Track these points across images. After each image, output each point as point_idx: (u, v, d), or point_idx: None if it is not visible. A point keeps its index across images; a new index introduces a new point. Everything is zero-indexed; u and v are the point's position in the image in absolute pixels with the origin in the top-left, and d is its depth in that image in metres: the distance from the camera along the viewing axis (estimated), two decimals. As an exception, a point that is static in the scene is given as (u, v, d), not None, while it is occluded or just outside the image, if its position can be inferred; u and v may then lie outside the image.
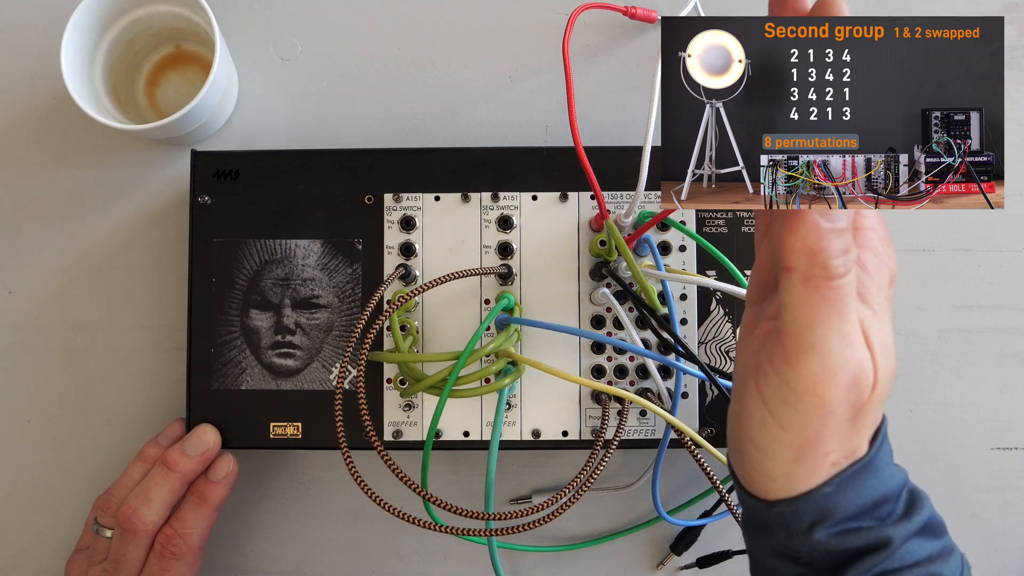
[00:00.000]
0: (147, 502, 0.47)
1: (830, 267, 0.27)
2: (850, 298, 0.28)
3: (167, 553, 0.47)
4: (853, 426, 0.30)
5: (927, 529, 0.32)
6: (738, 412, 0.31)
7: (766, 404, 0.30)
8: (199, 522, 0.48)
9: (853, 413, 0.29)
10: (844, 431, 0.30)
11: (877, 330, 0.29)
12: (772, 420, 0.30)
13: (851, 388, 0.29)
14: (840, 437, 0.30)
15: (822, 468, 0.30)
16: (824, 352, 0.28)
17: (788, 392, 0.29)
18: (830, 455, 0.30)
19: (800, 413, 0.29)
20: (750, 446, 0.31)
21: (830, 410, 0.29)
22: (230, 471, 0.50)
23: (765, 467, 0.31)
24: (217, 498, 0.49)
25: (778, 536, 0.32)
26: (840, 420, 0.29)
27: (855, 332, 0.28)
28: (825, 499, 0.30)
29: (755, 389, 0.30)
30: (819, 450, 0.30)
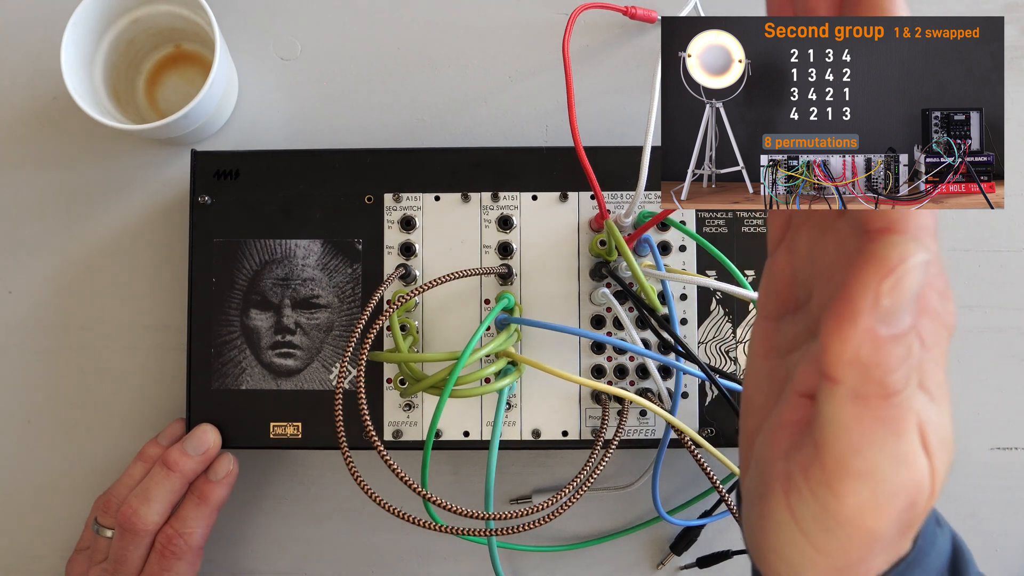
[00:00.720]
0: (147, 502, 0.47)
1: (888, 384, 0.21)
2: (910, 411, 0.23)
3: (167, 553, 0.47)
4: (902, 538, 0.25)
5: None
6: (761, 517, 0.26)
7: (798, 523, 0.24)
8: (199, 522, 0.48)
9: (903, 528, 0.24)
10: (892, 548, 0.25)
11: (936, 423, 0.24)
12: (805, 541, 0.24)
13: (904, 512, 0.23)
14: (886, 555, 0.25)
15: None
16: (876, 481, 0.23)
17: (828, 519, 0.23)
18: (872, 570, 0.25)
19: (841, 542, 0.24)
20: (776, 558, 0.26)
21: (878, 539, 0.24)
22: (230, 471, 0.50)
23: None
24: (217, 498, 0.49)
25: None
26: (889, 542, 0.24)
27: (914, 447, 0.23)
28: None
29: (784, 502, 0.24)
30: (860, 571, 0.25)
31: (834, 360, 0.21)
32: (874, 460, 0.22)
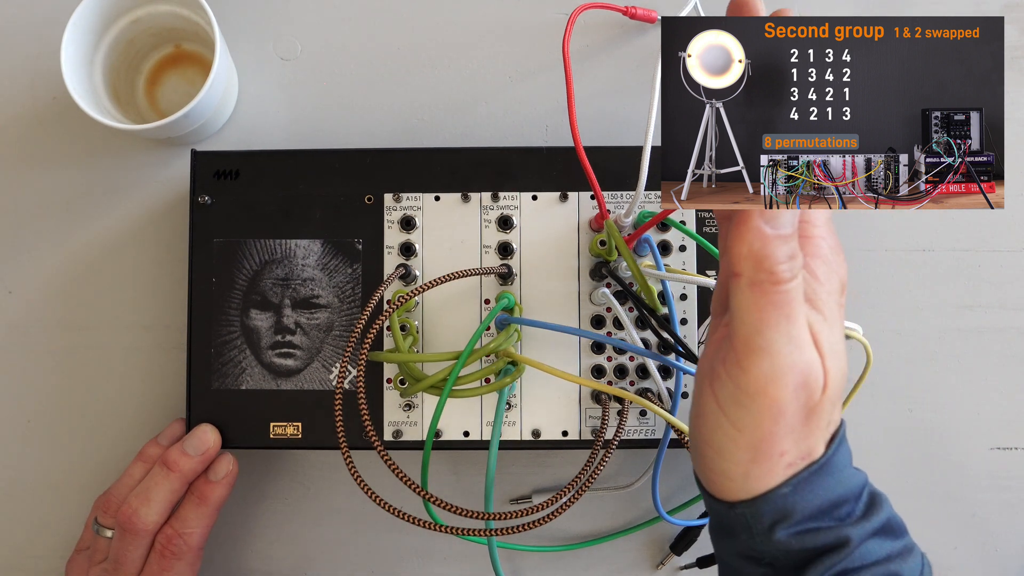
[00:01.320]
0: (147, 502, 0.47)
1: (776, 272, 0.28)
2: (797, 303, 0.29)
3: (167, 553, 0.47)
4: (806, 427, 0.30)
5: (886, 529, 0.33)
6: (696, 415, 0.32)
7: (720, 406, 0.31)
8: (199, 522, 0.48)
9: (805, 414, 0.30)
10: (797, 431, 0.30)
11: (827, 335, 0.30)
12: (727, 421, 0.30)
13: (801, 389, 0.29)
14: (794, 437, 0.30)
15: (778, 468, 0.31)
16: (773, 354, 0.29)
17: (740, 394, 0.30)
18: (785, 455, 0.31)
19: (752, 414, 0.30)
20: (708, 448, 0.32)
21: (781, 410, 0.29)
22: (230, 471, 0.50)
23: (723, 468, 0.32)
24: (217, 498, 0.49)
25: (741, 537, 0.33)
26: (792, 420, 0.30)
27: (803, 335, 0.29)
28: (783, 499, 0.31)
29: (710, 392, 0.31)
30: (773, 450, 0.30)
31: (735, 257, 0.29)
32: (770, 337, 0.29)
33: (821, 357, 0.30)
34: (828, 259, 0.32)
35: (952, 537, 0.54)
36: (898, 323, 0.55)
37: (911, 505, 0.54)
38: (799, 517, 0.31)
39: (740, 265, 0.29)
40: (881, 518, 0.33)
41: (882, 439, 0.54)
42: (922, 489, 0.55)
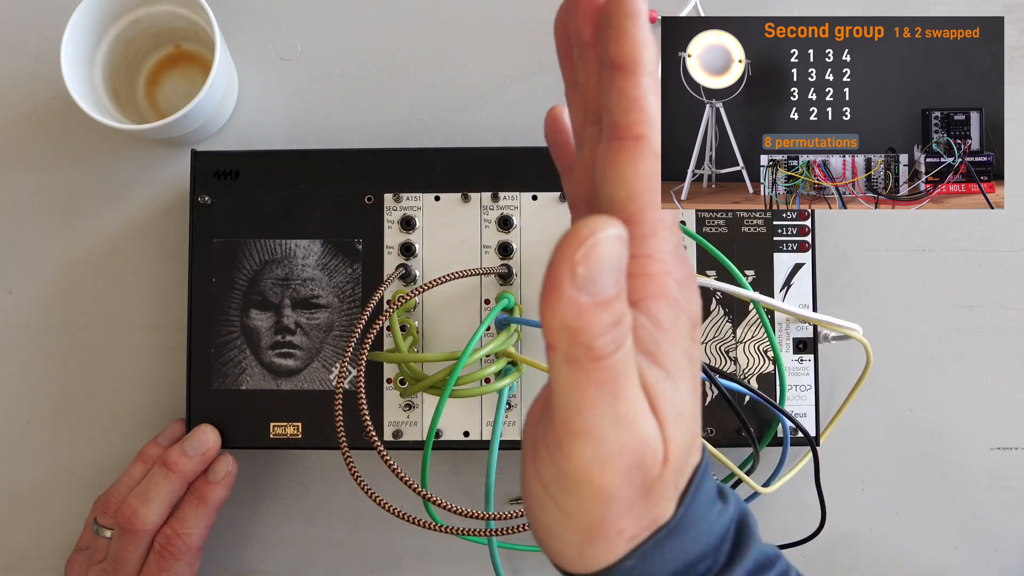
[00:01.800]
0: (147, 502, 0.47)
1: (595, 347, 0.23)
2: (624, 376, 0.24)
3: (166, 553, 0.47)
4: (647, 501, 0.27)
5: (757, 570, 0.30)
6: (523, 491, 0.28)
7: (544, 488, 0.27)
8: (199, 522, 0.48)
9: (643, 491, 0.26)
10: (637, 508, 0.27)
11: (669, 396, 0.26)
12: (553, 505, 0.27)
13: (633, 471, 0.25)
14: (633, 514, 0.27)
15: (618, 545, 0.27)
16: (597, 439, 0.25)
17: (563, 479, 0.26)
18: (624, 532, 0.27)
19: (579, 500, 0.26)
20: (537, 527, 0.28)
21: (611, 496, 0.25)
22: (230, 471, 0.50)
23: (555, 547, 0.28)
24: (217, 498, 0.49)
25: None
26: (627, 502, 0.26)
27: (634, 410, 0.25)
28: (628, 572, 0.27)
29: (533, 471, 0.27)
30: (609, 531, 0.27)
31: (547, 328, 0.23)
32: (592, 420, 0.24)
33: (660, 426, 0.26)
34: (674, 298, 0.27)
35: (952, 537, 0.54)
36: (898, 323, 0.55)
37: (911, 505, 0.54)
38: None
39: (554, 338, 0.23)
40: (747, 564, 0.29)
41: (882, 439, 0.54)
42: (922, 489, 0.54)
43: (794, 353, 0.50)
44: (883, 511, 0.54)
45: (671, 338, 0.26)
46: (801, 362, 0.50)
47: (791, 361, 0.50)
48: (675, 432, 0.26)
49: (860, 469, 0.54)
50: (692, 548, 0.28)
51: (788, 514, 0.54)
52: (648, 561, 0.27)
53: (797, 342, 0.50)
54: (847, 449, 0.54)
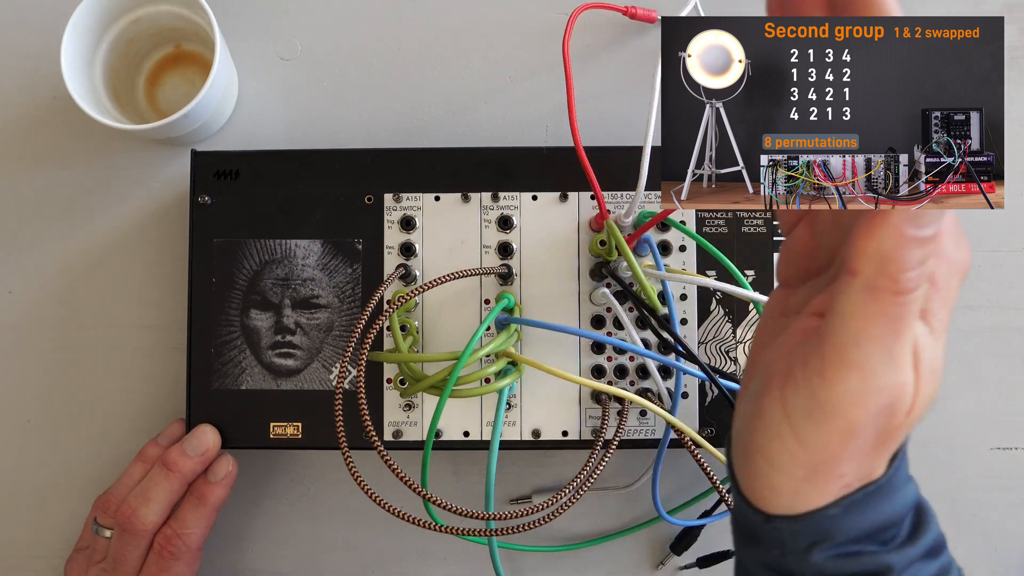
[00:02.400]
0: (146, 502, 0.47)
1: (900, 280, 0.24)
2: (911, 318, 0.25)
3: (166, 553, 0.47)
4: (875, 451, 0.27)
5: (930, 552, 0.30)
6: (751, 415, 0.28)
7: (787, 415, 0.27)
8: (198, 522, 0.48)
9: (878, 438, 0.27)
10: (864, 455, 0.27)
11: (930, 352, 0.27)
12: (790, 434, 0.27)
13: (883, 413, 0.26)
14: (859, 461, 0.27)
15: (831, 490, 0.28)
16: (866, 372, 0.25)
17: (815, 408, 0.26)
18: (844, 478, 0.28)
19: (823, 432, 0.26)
20: (759, 456, 0.28)
21: (856, 434, 0.26)
22: (229, 471, 0.50)
23: (771, 480, 0.28)
24: (217, 498, 0.49)
25: (771, 551, 0.30)
26: (863, 445, 0.27)
27: (905, 354, 0.26)
28: (829, 521, 0.28)
29: (779, 395, 0.27)
30: (834, 472, 0.27)
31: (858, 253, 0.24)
32: (868, 353, 0.25)
33: (917, 379, 0.26)
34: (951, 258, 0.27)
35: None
36: (898, 323, 0.55)
37: (911, 505, 0.54)
38: (841, 540, 0.28)
39: (860, 263, 0.24)
40: (927, 541, 0.30)
41: (882, 439, 0.54)
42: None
43: (794, 353, 0.50)
44: (883, 511, 0.54)
45: (941, 297, 0.27)
46: (801, 362, 0.50)
47: (791, 361, 0.50)
48: (925, 386, 0.26)
49: (860, 469, 0.54)
50: (887, 512, 0.29)
51: (788, 514, 0.54)
52: (849, 515, 0.28)
53: (797, 342, 0.50)
54: (847, 449, 0.54)
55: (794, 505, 0.28)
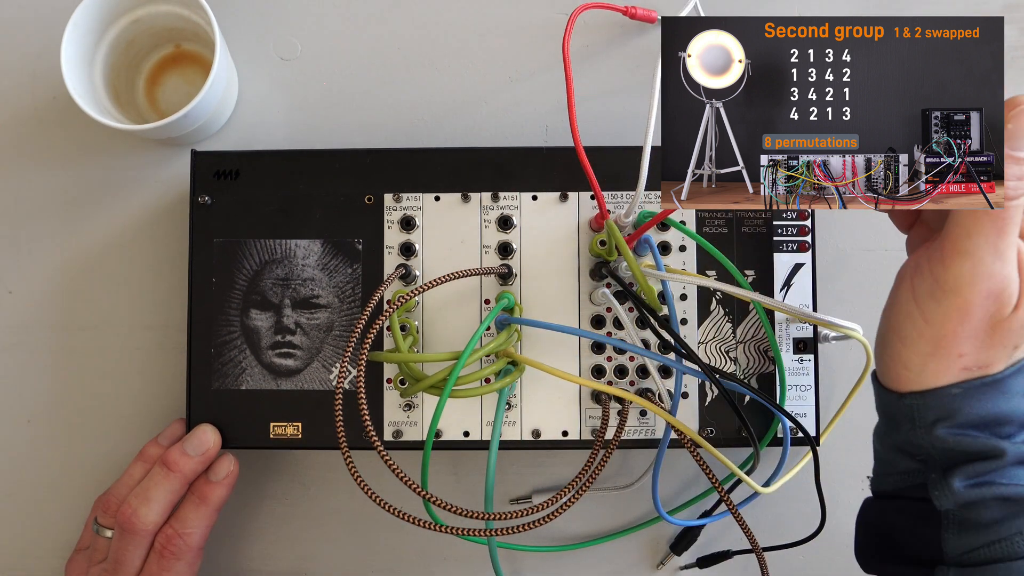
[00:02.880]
0: (147, 502, 0.47)
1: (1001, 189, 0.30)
2: (1013, 221, 0.31)
3: (167, 553, 0.47)
4: (990, 338, 0.33)
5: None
6: (890, 306, 0.37)
7: (915, 297, 0.34)
8: (199, 522, 0.48)
9: (991, 325, 0.33)
10: (980, 339, 0.33)
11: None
12: (918, 312, 0.34)
13: (993, 298, 0.32)
14: (975, 343, 0.33)
15: (953, 368, 0.34)
16: (976, 259, 0.32)
17: (936, 288, 0.33)
18: (963, 358, 0.34)
19: (943, 309, 0.33)
20: (894, 336, 0.35)
21: (969, 312, 0.32)
22: (230, 471, 0.50)
23: (904, 356, 0.35)
24: (217, 498, 0.49)
25: (903, 428, 0.36)
26: (977, 326, 0.33)
27: (1010, 252, 0.32)
28: (952, 399, 0.34)
29: (909, 283, 0.35)
30: (953, 349, 0.33)
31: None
32: (976, 244, 0.31)
33: (1022, 278, 0.32)
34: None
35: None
36: (898, 323, 0.55)
37: (911, 505, 0.54)
38: (961, 420, 0.34)
39: None
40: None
41: (882, 439, 0.54)
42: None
43: (794, 353, 0.50)
44: (883, 511, 0.54)
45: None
46: (801, 362, 0.50)
47: (791, 361, 0.50)
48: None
49: (860, 469, 0.54)
50: (1003, 407, 0.34)
51: (788, 514, 0.54)
52: (968, 397, 0.34)
53: (797, 342, 0.50)
54: (847, 449, 0.54)
55: (921, 380, 0.35)
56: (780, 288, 0.50)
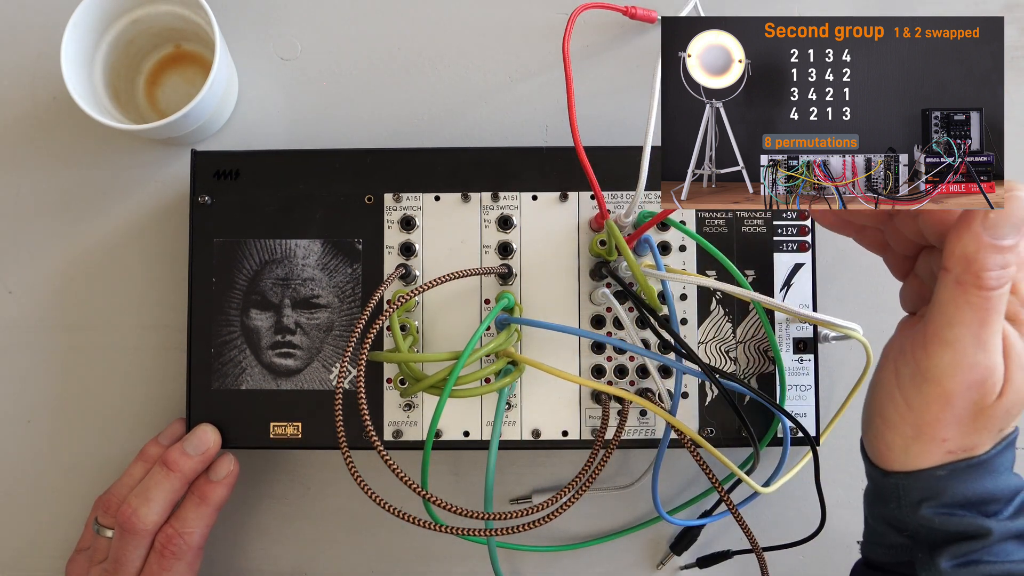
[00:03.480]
0: (147, 502, 0.47)
1: (982, 278, 0.30)
2: (995, 311, 0.31)
3: (167, 553, 0.47)
4: (974, 423, 0.33)
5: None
6: (874, 385, 0.36)
7: (898, 381, 0.34)
8: (199, 522, 0.48)
9: (974, 411, 0.32)
10: (963, 424, 0.33)
11: (1020, 349, 0.32)
12: (900, 396, 0.33)
13: (975, 388, 0.32)
14: (959, 429, 0.33)
15: (937, 452, 0.33)
16: (958, 350, 0.31)
17: (918, 375, 0.32)
18: (947, 442, 0.33)
19: (924, 396, 0.32)
20: (878, 417, 0.35)
21: (951, 401, 0.32)
22: (230, 471, 0.50)
23: (887, 438, 0.35)
24: (218, 498, 0.49)
25: (890, 505, 0.36)
26: (959, 413, 0.32)
27: (993, 341, 0.31)
28: (936, 480, 0.34)
29: (892, 366, 0.34)
30: (936, 434, 0.33)
31: (949, 254, 0.31)
32: (958, 334, 0.31)
33: (1006, 367, 0.32)
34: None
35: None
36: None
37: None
38: (947, 500, 0.34)
39: (951, 262, 0.31)
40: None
41: (882, 439, 0.54)
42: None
43: (794, 353, 0.50)
44: (883, 511, 0.54)
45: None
46: (801, 362, 0.50)
47: (791, 361, 0.50)
48: (1015, 376, 0.32)
49: (860, 469, 0.54)
50: (989, 486, 0.34)
51: (788, 514, 0.54)
52: (954, 478, 0.34)
53: (797, 342, 0.50)
54: (847, 449, 0.54)
55: (906, 461, 0.34)
56: (780, 288, 0.50)
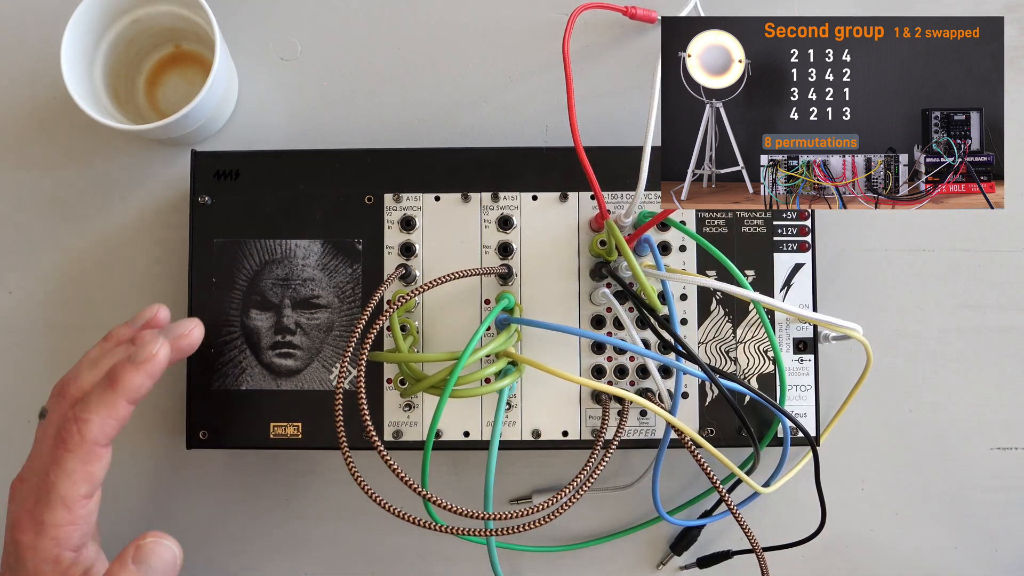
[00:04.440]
0: (92, 368, 0.42)
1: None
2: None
3: (59, 441, 0.39)
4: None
5: None
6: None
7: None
8: (101, 410, 0.39)
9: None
10: None
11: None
12: None
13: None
14: None
15: None
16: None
17: None
18: None
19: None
20: None
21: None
22: (154, 356, 0.40)
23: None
24: (131, 385, 0.40)
25: None
26: None
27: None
28: None
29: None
30: None
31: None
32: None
33: None
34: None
35: (952, 537, 0.54)
36: (898, 323, 0.55)
37: (911, 505, 0.54)
38: None
39: None
40: None
41: (882, 439, 0.54)
42: (922, 489, 0.55)
43: (794, 353, 0.50)
44: (883, 511, 0.54)
45: None
46: (801, 362, 0.50)
47: (791, 361, 0.50)
48: None
49: (860, 469, 0.54)
50: None
51: (788, 514, 0.54)
52: None
53: (797, 342, 0.50)
54: (847, 449, 0.54)
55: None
56: (780, 288, 0.50)
